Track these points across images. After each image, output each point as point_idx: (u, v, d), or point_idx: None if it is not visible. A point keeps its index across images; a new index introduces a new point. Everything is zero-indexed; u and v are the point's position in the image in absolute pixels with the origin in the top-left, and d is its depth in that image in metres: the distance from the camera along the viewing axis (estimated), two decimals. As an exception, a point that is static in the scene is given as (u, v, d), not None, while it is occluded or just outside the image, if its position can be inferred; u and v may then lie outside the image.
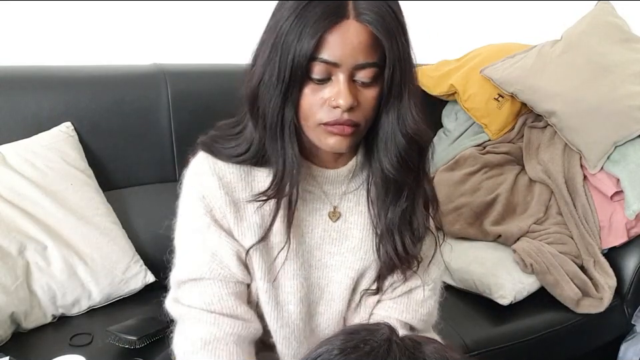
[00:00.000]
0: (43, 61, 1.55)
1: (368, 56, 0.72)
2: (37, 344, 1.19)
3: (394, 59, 0.72)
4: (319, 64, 0.71)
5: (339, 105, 0.72)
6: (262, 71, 0.75)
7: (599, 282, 1.51)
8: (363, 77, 0.73)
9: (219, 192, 0.81)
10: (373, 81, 0.74)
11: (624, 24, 1.79)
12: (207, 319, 0.81)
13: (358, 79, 0.73)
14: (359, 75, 0.73)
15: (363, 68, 0.72)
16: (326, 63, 0.71)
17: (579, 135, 1.65)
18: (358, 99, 0.73)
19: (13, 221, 1.25)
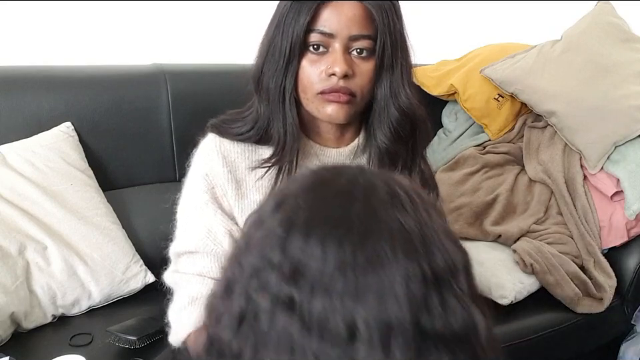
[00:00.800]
0: (43, 61, 1.56)
1: (362, 28, 0.78)
2: (37, 344, 1.19)
3: (385, 33, 0.78)
4: (316, 35, 0.77)
5: (335, 72, 0.77)
6: (265, 49, 0.81)
7: (599, 282, 1.51)
8: (358, 48, 0.78)
9: (222, 170, 0.85)
10: (367, 55, 0.79)
11: (624, 24, 1.79)
12: (196, 280, 0.85)
13: (353, 51, 0.79)
14: (354, 45, 0.78)
15: (357, 39, 0.78)
16: (322, 34, 0.77)
17: (579, 134, 1.65)
18: (353, 70, 0.79)
19: (13, 221, 1.25)
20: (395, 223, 0.45)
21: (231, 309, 0.47)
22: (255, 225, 0.50)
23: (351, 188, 0.47)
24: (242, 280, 0.47)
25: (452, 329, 0.43)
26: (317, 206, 0.47)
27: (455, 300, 0.44)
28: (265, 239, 0.47)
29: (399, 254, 0.43)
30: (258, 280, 0.46)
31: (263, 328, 0.44)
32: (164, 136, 1.52)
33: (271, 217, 0.48)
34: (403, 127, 0.82)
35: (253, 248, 0.48)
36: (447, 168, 1.78)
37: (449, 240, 0.47)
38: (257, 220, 0.50)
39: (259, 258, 0.46)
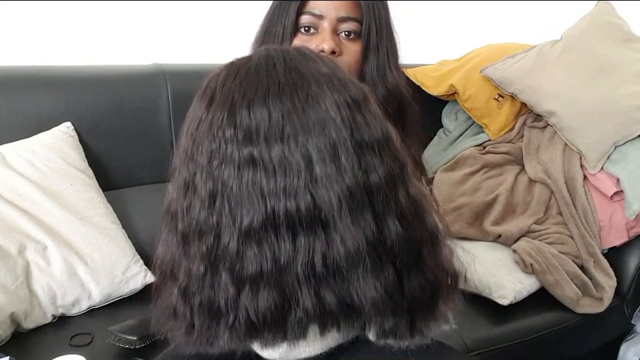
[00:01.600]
0: (43, 61, 1.56)
1: (349, 11, 0.84)
2: (37, 344, 1.19)
3: (370, 16, 0.84)
4: (307, 17, 0.84)
5: (323, 49, 0.83)
6: (262, 35, 0.88)
7: (599, 282, 1.51)
8: (345, 29, 0.84)
9: None
10: (355, 37, 0.85)
11: (624, 24, 1.79)
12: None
13: (341, 33, 0.85)
14: (342, 27, 0.85)
15: (345, 21, 0.84)
16: (312, 15, 0.84)
17: (579, 134, 1.65)
18: (341, 49, 0.84)
19: (13, 221, 1.25)
20: (313, 70, 0.57)
21: (200, 195, 0.55)
22: (193, 126, 0.58)
23: (265, 59, 0.58)
24: (201, 168, 0.55)
25: (376, 137, 0.55)
26: (246, 82, 0.56)
27: (371, 116, 0.56)
28: (211, 127, 0.55)
29: (326, 90, 0.55)
30: (217, 159, 0.54)
31: (235, 193, 0.53)
32: (164, 136, 1.53)
33: (208, 112, 0.56)
34: (391, 104, 0.87)
35: (201, 142, 0.56)
36: (447, 168, 1.78)
37: (351, 78, 0.60)
38: (193, 122, 0.58)
39: (211, 143, 0.55)
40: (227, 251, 0.54)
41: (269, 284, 0.53)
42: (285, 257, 0.52)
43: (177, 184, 0.59)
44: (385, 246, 0.53)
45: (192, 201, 0.56)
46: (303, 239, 0.52)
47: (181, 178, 0.58)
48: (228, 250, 0.54)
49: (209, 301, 0.56)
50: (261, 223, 0.52)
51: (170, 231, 0.59)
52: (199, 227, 0.55)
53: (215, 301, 0.55)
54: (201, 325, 0.57)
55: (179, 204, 0.58)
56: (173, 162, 0.61)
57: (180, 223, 0.57)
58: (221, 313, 0.55)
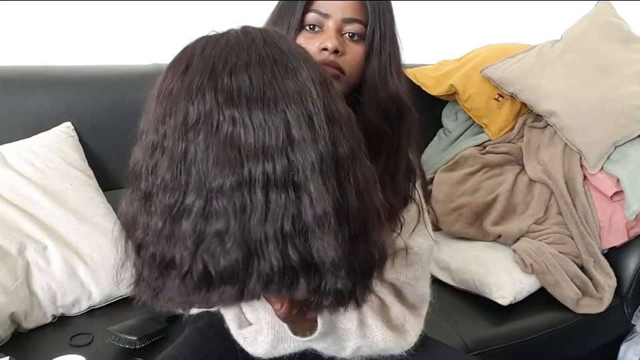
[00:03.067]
0: (43, 61, 1.56)
1: (355, 13, 0.84)
2: (37, 344, 1.19)
3: (375, 20, 0.85)
4: (313, 15, 0.85)
5: (327, 47, 0.83)
6: (269, 26, 0.87)
7: (599, 282, 1.51)
8: (350, 30, 0.85)
9: None
10: (358, 39, 0.85)
11: (624, 24, 1.79)
12: None
13: (346, 34, 0.85)
14: (346, 28, 0.85)
15: (350, 22, 0.84)
16: (318, 13, 0.84)
17: (578, 134, 1.65)
18: (344, 48, 0.84)
19: (13, 221, 1.25)
20: (291, 48, 0.61)
21: (170, 155, 0.58)
22: (166, 91, 0.62)
23: (244, 34, 0.62)
24: (173, 129, 0.59)
25: (343, 114, 0.61)
26: (227, 50, 0.59)
27: (337, 96, 0.62)
28: (189, 90, 0.58)
29: (302, 65, 0.60)
30: (193, 120, 0.57)
31: (209, 153, 0.56)
32: (164, 136, 1.52)
33: (184, 76, 0.60)
34: (390, 107, 0.87)
35: (174, 104, 0.59)
36: (447, 168, 1.78)
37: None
38: (165, 86, 0.62)
39: (188, 105, 0.58)
40: (192, 208, 0.56)
41: (234, 240, 0.56)
42: (255, 215, 0.55)
43: (144, 145, 0.62)
44: (345, 212, 0.58)
45: (159, 160, 0.59)
46: (276, 199, 0.56)
47: (149, 139, 0.61)
48: (194, 206, 0.56)
49: (162, 253, 0.59)
50: (235, 182, 0.55)
51: (133, 190, 0.62)
52: (163, 184, 0.58)
53: (169, 254, 0.58)
54: (148, 275, 0.61)
55: (144, 164, 0.61)
56: (140, 125, 0.65)
57: (144, 182, 0.60)
58: (174, 265, 0.58)
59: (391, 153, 0.88)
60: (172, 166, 0.58)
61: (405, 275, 0.91)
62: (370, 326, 0.84)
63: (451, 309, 1.43)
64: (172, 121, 0.59)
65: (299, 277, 0.58)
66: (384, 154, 0.87)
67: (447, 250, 1.59)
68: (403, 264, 0.91)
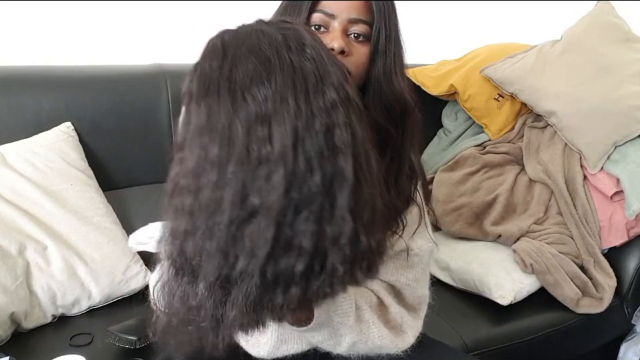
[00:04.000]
0: (43, 61, 1.56)
1: (360, 14, 0.85)
2: (37, 344, 1.19)
3: (381, 21, 0.85)
4: (318, 15, 0.85)
5: (333, 48, 0.83)
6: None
7: (599, 282, 1.51)
8: (356, 31, 0.85)
9: None
10: (364, 40, 0.86)
11: (624, 24, 1.79)
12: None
13: (351, 34, 0.85)
14: (352, 28, 0.85)
15: (356, 23, 0.85)
16: (324, 13, 0.85)
17: (579, 134, 1.65)
18: (350, 49, 0.85)
19: (13, 221, 1.25)
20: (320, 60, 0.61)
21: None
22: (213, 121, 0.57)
23: (284, 45, 0.61)
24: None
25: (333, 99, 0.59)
26: (259, 66, 0.58)
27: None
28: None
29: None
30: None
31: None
32: (164, 136, 1.52)
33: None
34: (394, 106, 0.87)
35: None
36: (447, 168, 1.78)
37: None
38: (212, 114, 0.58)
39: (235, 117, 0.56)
40: (260, 212, 0.55)
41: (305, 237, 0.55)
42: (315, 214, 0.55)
43: (195, 161, 0.58)
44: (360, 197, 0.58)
45: (222, 176, 0.57)
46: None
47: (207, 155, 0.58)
48: (260, 212, 0.55)
49: (223, 276, 0.56)
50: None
51: (180, 212, 0.58)
52: (231, 197, 0.56)
53: (235, 267, 0.56)
54: (210, 300, 0.58)
55: (196, 179, 0.58)
56: (185, 146, 0.60)
57: (195, 198, 0.57)
58: (239, 278, 0.56)
59: (395, 153, 0.88)
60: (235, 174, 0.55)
61: (406, 277, 0.92)
62: (367, 322, 0.84)
63: (451, 309, 1.43)
64: (234, 143, 0.56)
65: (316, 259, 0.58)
66: (388, 154, 0.88)
67: (447, 250, 1.59)
68: (404, 265, 0.91)
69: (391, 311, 0.88)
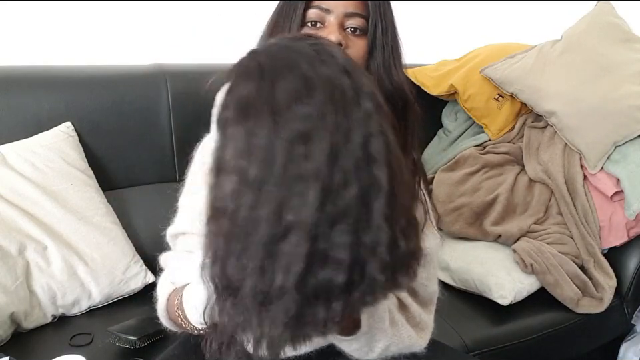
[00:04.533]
0: (43, 61, 1.56)
1: (356, 7, 0.85)
2: (37, 344, 1.19)
3: (377, 14, 0.86)
4: (314, 11, 0.86)
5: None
6: (269, 31, 0.90)
7: (599, 282, 1.51)
8: (352, 25, 0.86)
9: None
10: (360, 33, 0.86)
11: (624, 24, 1.79)
12: (181, 255, 0.88)
13: (348, 28, 0.86)
14: (348, 22, 0.86)
15: (352, 16, 0.85)
16: (320, 9, 0.85)
17: (579, 134, 1.65)
18: (347, 43, 0.85)
19: (13, 221, 1.25)
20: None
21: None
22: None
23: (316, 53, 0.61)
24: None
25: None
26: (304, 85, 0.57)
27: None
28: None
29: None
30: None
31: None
32: (164, 136, 1.52)
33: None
34: (396, 101, 0.87)
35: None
36: (447, 168, 1.78)
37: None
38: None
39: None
40: (296, 227, 0.55)
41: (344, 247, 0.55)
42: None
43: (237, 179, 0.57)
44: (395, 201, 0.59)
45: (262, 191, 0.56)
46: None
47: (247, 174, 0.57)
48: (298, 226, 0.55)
49: (262, 293, 0.56)
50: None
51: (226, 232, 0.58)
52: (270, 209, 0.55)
53: (274, 281, 0.56)
54: (255, 322, 0.58)
55: (238, 197, 0.57)
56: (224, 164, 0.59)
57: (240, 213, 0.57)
58: (279, 292, 0.56)
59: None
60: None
61: (420, 276, 0.92)
62: (397, 323, 0.85)
63: (451, 308, 1.43)
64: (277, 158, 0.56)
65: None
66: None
67: (447, 250, 1.59)
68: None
69: (411, 310, 0.89)
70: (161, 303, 0.85)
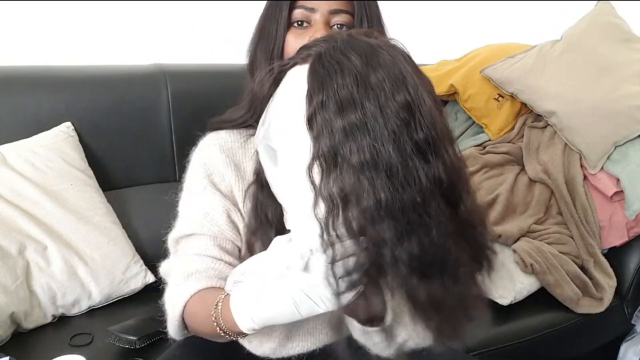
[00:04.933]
0: (43, 61, 1.56)
1: (341, 4, 0.86)
2: (37, 344, 1.19)
3: (362, 9, 0.87)
4: (299, 11, 0.86)
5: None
6: (258, 34, 0.90)
7: (599, 282, 1.51)
8: (338, 22, 0.87)
9: (220, 156, 0.89)
10: (347, 29, 0.87)
11: (624, 24, 1.79)
12: (192, 259, 0.86)
13: (334, 26, 0.87)
14: (334, 19, 0.87)
15: (337, 13, 0.86)
16: (305, 8, 0.86)
17: (579, 134, 1.65)
18: None
19: (13, 221, 1.25)
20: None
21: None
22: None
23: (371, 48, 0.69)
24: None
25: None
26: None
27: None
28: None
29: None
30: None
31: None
32: (164, 136, 1.52)
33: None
34: None
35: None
36: (447, 168, 1.78)
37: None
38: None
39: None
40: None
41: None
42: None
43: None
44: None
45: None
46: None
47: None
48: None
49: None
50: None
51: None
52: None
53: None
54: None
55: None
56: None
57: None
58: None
59: None
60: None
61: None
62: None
63: (451, 308, 1.43)
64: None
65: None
66: None
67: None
68: None
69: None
70: (177, 311, 0.83)
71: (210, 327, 0.76)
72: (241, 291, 0.72)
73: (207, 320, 0.77)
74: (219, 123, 0.92)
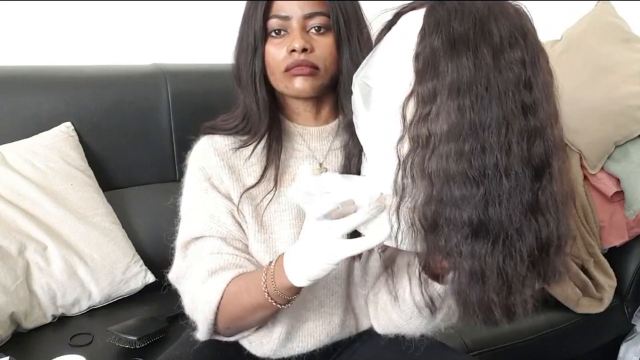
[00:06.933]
0: (43, 61, 1.55)
1: (314, 7, 0.86)
2: (37, 344, 1.19)
3: (336, 8, 0.86)
4: (274, 20, 0.86)
5: (295, 48, 0.84)
6: (238, 45, 0.91)
7: (599, 282, 1.51)
8: (314, 25, 0.86)
9: (215, 159, 0.90)
10: (325, 30, 0.86)
11: (624, 24, 1.79)
12: (209, 257, 0.86)
13: (311, 29, 0.86)
14: (310, 23, 0.86)
15: (312, 17, 0.86)
16: (279, 17, 0.86)
17: (578, 134, 1.65)
18: (312, 45, 0.85)
19: (13, 221, 1.25)
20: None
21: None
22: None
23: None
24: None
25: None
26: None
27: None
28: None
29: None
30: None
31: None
32: (164, 136, 1.52)
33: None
34: None
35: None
36: (447, 168, 1.78)
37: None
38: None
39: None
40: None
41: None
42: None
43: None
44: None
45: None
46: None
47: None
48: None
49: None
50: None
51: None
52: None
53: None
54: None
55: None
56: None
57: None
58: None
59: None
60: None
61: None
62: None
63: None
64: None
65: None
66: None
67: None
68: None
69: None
70: (212, 305, 0.83)
71: (254, 298, 0.78)
72: (295, 247, 0.73)
73: (254, 291, 0.78)
74: (211, 129, 0.93)
